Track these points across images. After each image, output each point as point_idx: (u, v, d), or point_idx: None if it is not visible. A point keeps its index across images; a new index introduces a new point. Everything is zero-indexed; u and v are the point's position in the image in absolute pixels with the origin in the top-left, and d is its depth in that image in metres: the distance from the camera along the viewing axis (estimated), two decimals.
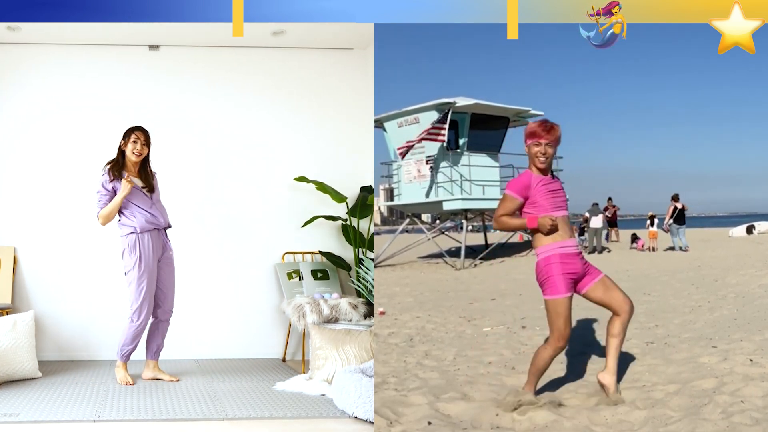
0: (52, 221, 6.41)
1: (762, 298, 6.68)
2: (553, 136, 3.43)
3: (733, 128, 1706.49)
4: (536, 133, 3.42)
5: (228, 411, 4.51)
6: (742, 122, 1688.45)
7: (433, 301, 8.28)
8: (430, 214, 17.13)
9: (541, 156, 3.41)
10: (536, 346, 5.07)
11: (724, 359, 4.21)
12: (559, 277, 3.38)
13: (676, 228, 15.19)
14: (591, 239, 16.43)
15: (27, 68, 6.49)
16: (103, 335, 6.35)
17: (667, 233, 15.43)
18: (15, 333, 5.33)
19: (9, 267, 6.21)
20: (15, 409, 4.45)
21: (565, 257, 3.41)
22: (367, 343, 5.17)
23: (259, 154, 6.74)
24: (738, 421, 3.04)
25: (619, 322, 3.56)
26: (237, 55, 6.72)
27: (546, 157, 3.42)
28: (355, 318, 5.81)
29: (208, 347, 6.46)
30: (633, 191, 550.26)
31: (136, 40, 6.52)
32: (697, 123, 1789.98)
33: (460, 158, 13.94)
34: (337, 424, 4.24)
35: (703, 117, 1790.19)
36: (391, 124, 14.57)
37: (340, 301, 5.92)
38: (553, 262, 3.40)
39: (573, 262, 3.42)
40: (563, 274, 3.38)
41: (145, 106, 6.55)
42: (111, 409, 4.54)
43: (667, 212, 15.46)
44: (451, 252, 15.39)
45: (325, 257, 6.63)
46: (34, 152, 6.45)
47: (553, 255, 3.41)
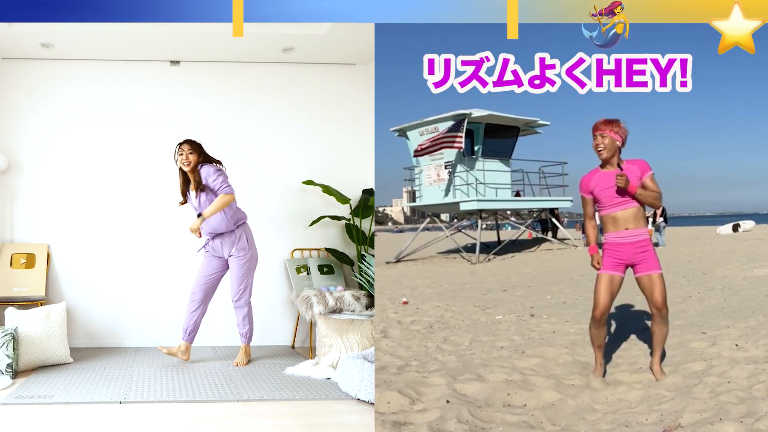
0: (82, 220, 6.36)
1: (746, 290, 6.64)
2: (609, 127, 3.46)
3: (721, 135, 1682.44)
4: (596, 126, 3.50)
5: (242, 393, 4.49)
6: (729, 130, 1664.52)
7: (451, 292, 8.22)
8: (449, 214, 17.15)
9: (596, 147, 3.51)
10: (543, 332, 5.08)
11: (712, 344, 4.20)
12: (607, 259, 3.56)
13: (663, 226, 15.22)
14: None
15: (59, 82, 6.43)
16: (129, 324, 6.36)
17: (658, 231, 15.43)
18: (49, 322, 5.35)
19: (43, 262, 6.19)
20: (49, 391, 4.48)
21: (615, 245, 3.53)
22: (368, 332, 5.12)
23: (270, 160, 6.71)
24: (725, 400, 3.04)
25: (653, 322, 3.62)
26: (250, 69, 6.67)
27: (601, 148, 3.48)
28: (357, 309, 5.80)
29: (224, 335, 6.41)
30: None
31: (158, 56, 6.47)
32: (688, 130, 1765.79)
33: (475, 164, 14.03)
34: (341, 405, 4.22)
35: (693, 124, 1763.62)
36: (413, 132, 14.63)
37: (344, 293, 5.90)
38: (607, 248, 3.57)
39: (623, 249, 3.52)
40: (610, 257, 3.55)
41: (166, 117, 6.51)
42: (136, 391, 4.52)
43: (655, 212, 15.46)
44: (467, 248, 15.38)
45: (331, 254, 6.61)
46: (65, 158, 6.40)
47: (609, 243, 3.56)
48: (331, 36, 6.00)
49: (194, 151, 5.35)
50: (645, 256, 3.54)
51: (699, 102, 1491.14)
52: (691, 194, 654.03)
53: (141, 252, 6.45)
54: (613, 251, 3.54)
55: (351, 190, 6.61)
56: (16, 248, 6.23)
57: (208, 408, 4.21)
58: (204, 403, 4.29)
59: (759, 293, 6.30)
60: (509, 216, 17.38)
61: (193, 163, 5.34)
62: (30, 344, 5.16)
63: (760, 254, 10.39)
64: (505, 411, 3.15)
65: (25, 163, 6.40)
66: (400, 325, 5.69)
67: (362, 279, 6.10)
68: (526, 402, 3.30)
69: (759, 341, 4.15)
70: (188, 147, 5.35)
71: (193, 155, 5.34)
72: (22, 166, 6.39)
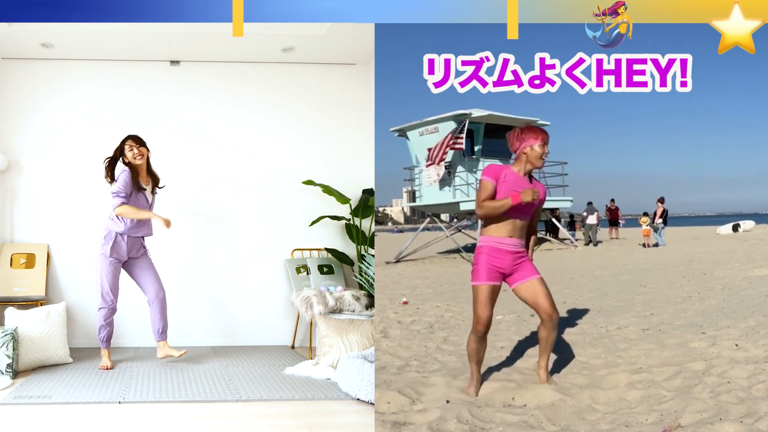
0: (81, 221, 6.34)
1: (746, 290, 6.62)
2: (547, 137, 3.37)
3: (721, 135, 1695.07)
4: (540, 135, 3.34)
5: (242, 393, 4.49)
6: (729, 130, 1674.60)
7: (451, 292, 8.19)
8: (449, 214, 17.15)
9: (545, 157, 3.34)
10: None
11: (712, 344, 4.18)
12: (483, 266, 3.32)
13: (662, 226, 15.22)
14: (587, 234, 16.44)
15: (59, 82, 6.43)
16: (127, 324, 6.35)
17: (656, 232, 15.42)
18: (48, 322, 5.35)
19: (43, 262, 6.19)
20: (48, 391, 4.47)
21: (495, 251, 3.32)
22: (368, 332, 5.11)
23: (270, 160, 6.70)
24: (725, 400, 3.03)
25: (542, 328, 3.47)
26: (250, 69, 6.66)
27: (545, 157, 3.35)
28: (357, 309, 5.79)
29: (223, 335, 6.43)
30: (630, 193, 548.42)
31: (158, 56, 6.47)
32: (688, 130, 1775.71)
33: (476, 164, 14.03)
34: (341, 405, 4.22)
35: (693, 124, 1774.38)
36: (413, 132, 14.63)
37: (344, 293, 5.89)
38: (482, 253, 3.34)
39: (502, 257, 3.33)
40: (488, 264, 3.32)
41: (166, 117, 6.52)
42: (135, 391, 4.51)
43: (656, 213, 15.47)
44: (467, 248, 15.37)
45: (331, 253, 6.59)
46: (65, 158, 6.40)
47: (485, 246, 3.35)
48: (331, 36, 6.00)
49: (143, 145, 5.37)
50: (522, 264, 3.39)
51: (699, 102, 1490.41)
52: (691, 194, 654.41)
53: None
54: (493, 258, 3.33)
55: (351, 190, 6.61)
56: (16, 248, 6.23)
57: (207, 408, 4.20)
58: (203, 403, 4.29)
59: (759, 293, 6.29)
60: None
61: (145, 156, 5.36)
62: (30, 344, 5.16)
63: (760, 254, 10.38)
64: (505, 411, 3.14)
65: (25, 163, 6.40)
66: (400, 325, 5.68)
67: (362, 279, 6.10)
68: (526, 402, 3.29)
69: (759, 341, 4.14)
70: (137, 141, 5.35)
71: (143, 148, 5.36)
72: (22, 166, 6.39)
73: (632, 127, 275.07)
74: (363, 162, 6.78)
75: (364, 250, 6.48)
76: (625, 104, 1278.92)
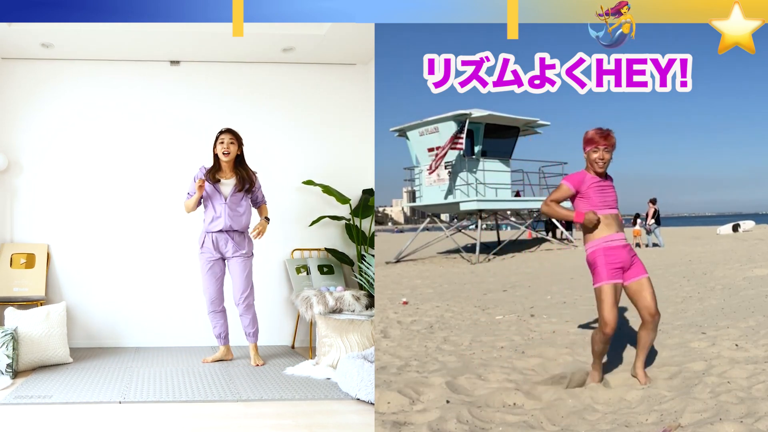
0: (81, 221, 6.36)
1: (746, 290, 6.62)
2: (609, 142, 3.39)
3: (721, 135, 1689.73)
4: (594, 140, 3.39)
5: (242, 393, 4.48)
6: (729, 130, 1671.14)
7: (451, 292, 8.21)
8: (449, 214, 17.16)
9: (599, 161, 3.39)
10: (543, 332, 5.07)
11: (712, 344, 4.19)
12: (602, 267, 3.39)
13: (655, 227, 15.20)
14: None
15: (59, 82, 6.42)
16: (128, 324, 6.36)
17: (649, 233, 15.41)
18: (48, 322, 5.34)
19: (43, 263, 6.18)
20: (48, 391, 4.47)
21: (609, 249, 3.40)
22: (368, 332, 5.11)
23: (270, 159, 6.67)
24: (725, 400, 3.03)
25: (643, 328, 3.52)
26: (250, 69, 6.66)
27: (604, 162, 3.40)
28: (357, 309, 5.79)
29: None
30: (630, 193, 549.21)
31: (158, 56, 6.47)
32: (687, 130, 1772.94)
33: (476, 164, 14.03)
34: (341, 405, 4.21)
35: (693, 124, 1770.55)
36: (413, 133, 14.62)
37: (344, 293, 5.89)
38: (598, 255, 3.40)
39: (617, 253, 3.41)
40: (607, 264, 3.39)
41: (166, 117, 6.53)
42: (135, 391, 4.50)
43: (647, 214, 15.44)
44: (467, 248, 15.38)
45: (331, 254, 6.60)
46: (65, 158, 6.40)
47: (599, 249, 3.41)
48: (331, 36, 6.00)
49: (235, 142, 5.36)
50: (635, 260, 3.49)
51: (699, 102, 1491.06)
52: (691, 194, 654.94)
53: (141, 252, 6.45)
54: (609, 256, 3.41)
55: (351, 190, 6.61)
56: (16, 248, 6.23)
57: (207, 408, 4.19)
58: (204, 403, 4.28)
59: (759, 293, 6.29)
60: (509, 216, 17.38)
61: (233, 154, 5.34)
62: (30, 344, 5.15)
63: (760, 254, 10.37)
64: (505, 411, 3.14)
65: (25, 163, 6.40)
66: (400, 325, 5.69)
67: (362, 279, 6.10)
68: (526, 402, 3.29)
69: (759, 341, 4.15)
70: (229, 137, 5.35)
71: (234, 146, 5.35)
72: (22, 166, 6.39)
73: (632, 127, 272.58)
74: (363, 162, 6.78)
75: (364, 250, 6.48)
76: (626, 104, 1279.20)
